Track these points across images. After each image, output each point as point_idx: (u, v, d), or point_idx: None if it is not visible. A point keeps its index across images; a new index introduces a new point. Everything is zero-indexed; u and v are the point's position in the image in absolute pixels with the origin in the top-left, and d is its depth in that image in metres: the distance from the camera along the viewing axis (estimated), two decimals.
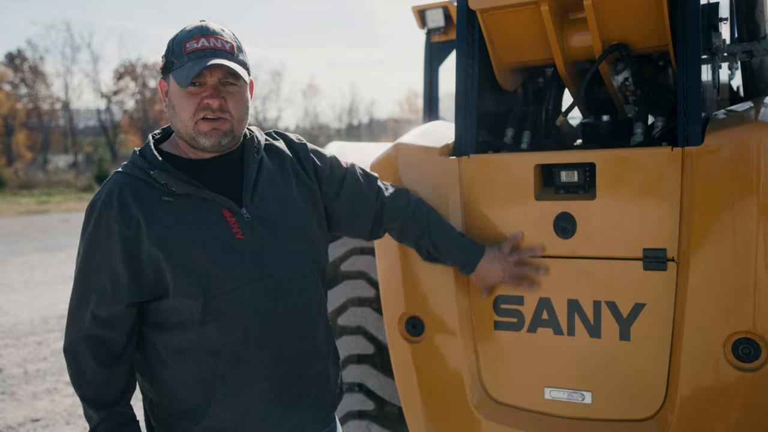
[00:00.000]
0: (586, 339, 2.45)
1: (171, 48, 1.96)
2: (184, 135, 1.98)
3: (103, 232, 1.91)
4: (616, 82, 2.72)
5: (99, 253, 1.93)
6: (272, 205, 2.07)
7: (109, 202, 1.92)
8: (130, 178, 1.96)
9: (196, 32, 1.95)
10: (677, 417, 2.29)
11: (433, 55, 5.29)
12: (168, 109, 2.01)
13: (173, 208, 1.94)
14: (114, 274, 1.91)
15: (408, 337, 2.71)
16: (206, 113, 1.94)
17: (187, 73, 1.89)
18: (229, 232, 1.97)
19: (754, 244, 2.16)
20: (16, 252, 14.15)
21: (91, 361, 1.94)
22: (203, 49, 1.92)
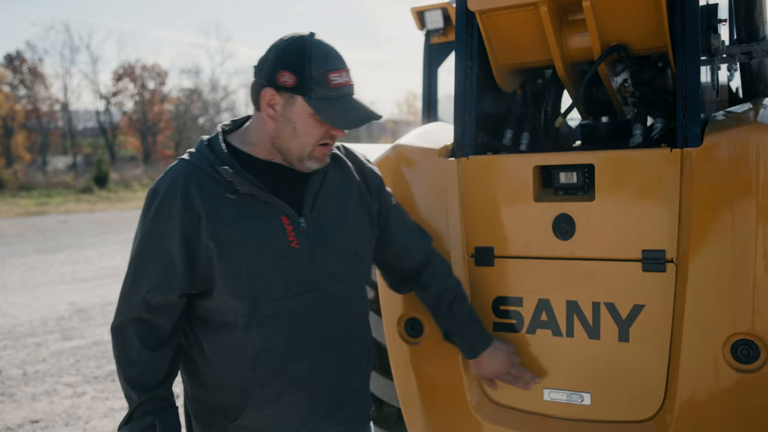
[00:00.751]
0: (585, 340, 2.45)
1: (308, 72, 1.90)
2: (292, 153, 1.99)
3: (164, 220, 1.92)
4: (615, 83, 2.72)
5: (157, 241, 1.93)
6: (330, 217, 2.08)
7: (172, 191, 1.92)
8: (195, 169, 1.96)
9: (335, 62, 1.94)
10: (676, 418, 2.28)
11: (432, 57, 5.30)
12: (277, 123, 1.97)
13: (234, 207, 1.94)
14: (170, 263, 1.93)
15: (407, 339, 2.71)
16: (328, 141, 1.99)
17: (342, 115, 1.92)
18: (284, 240, 1.98)
19: (753, 245, 2.16)
20: (15, 253, 14.15)
21: (137, 344, 1.97)
22: (347, 86, 1.95)
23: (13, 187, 30.04)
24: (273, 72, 1.92)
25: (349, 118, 1.92)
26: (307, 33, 1.95)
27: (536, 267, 2.52)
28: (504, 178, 2.54)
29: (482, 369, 2.48)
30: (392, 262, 2.43)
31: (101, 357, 6.88)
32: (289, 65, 1.90)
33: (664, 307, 2.32)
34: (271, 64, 1.92)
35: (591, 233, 2.41)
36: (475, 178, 2.58)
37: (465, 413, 2.60)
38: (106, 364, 6.61)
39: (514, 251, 2.54)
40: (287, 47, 1.92)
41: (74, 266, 12.47)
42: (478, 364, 2.48)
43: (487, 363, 2.45)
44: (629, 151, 2.37)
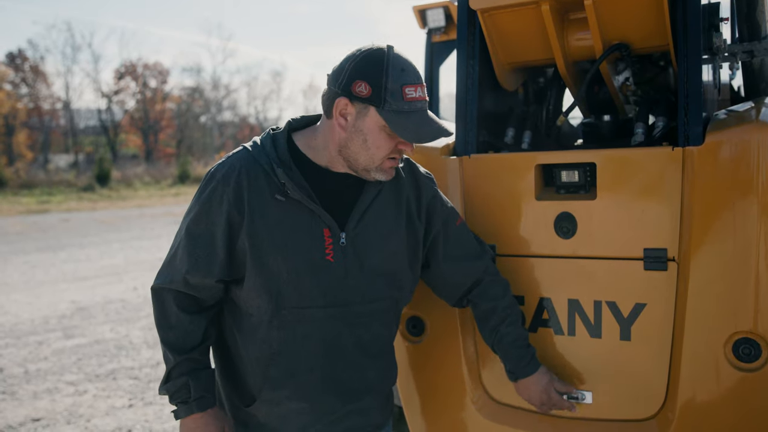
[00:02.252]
0: (586, 339, 2.45)
1: (383, 83, 1.90)
2: (360, 163, 2.00)
3: (216, 204, 1.97)
4: (616, 82, 2.72)
5: (205, 222, 1.99)
6: (372, 236, 2.07)
7: (228, 178, 1.97)
8: (253, 163, 1.99)
9: (412, 77, 1.94)
10: (678, 417, 2.28)
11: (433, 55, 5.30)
12: (348, 133, 1.97)
13: (281, 209, 1.97)
14: (212, 248, 1.98)
15: (408, 337, 2.71)
16: (396, 155, 2.00)
17: (414, 128, 1.91)
18: (321, 251, 1.99)
19: (755, 244, 2.16)
20: (16, 251, 14.15)
21: (175, 309, 2.05)
22: (420, 101, 1.94)
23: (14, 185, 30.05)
24: (349, 82, 1.92)
25: (421, 132, 1.92)
26: (386, 46, 1.95)
27: (538, 266, 2.52)
28: (506, 177, 2.54)
29: (520, 392, 2.40)
30: (440, 284, 2.38)
31: (103, 355, 6.88)
32: (366, 76, 1.91)
33: (666, 306, 2.32)
34: (348, 73, 1.92)
35: (593, 232, 2.41)
36: (477, 177, 2.58)
37: (467, 412, 2.60)
38: (107, 363, 6.62)
39: (516, 250, 2.54)
40: (365, 58, 1.93)
41: (76, 265, 12.47)
42: (516, 387, 2.40)
43: (524, 390, 2.37)
44: (631, 150, 2.37)
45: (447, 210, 2.31)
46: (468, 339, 2.60)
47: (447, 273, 2.33)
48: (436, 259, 2.30)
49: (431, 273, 2.34)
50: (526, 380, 2.35)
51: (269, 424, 2.09)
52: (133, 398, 5.62)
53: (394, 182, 2.16)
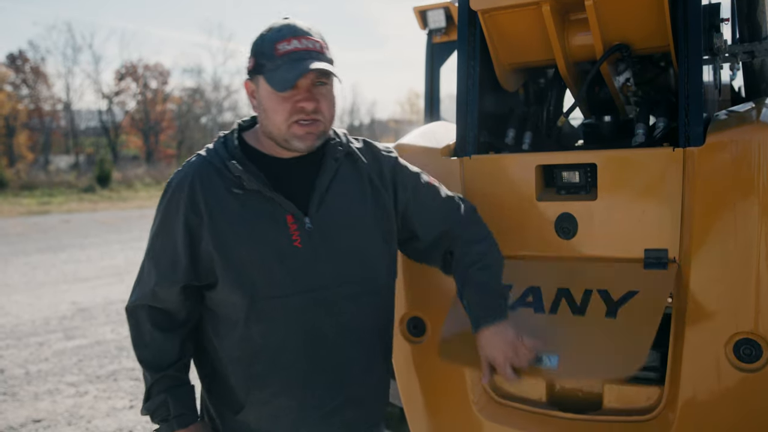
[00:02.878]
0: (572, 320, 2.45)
1: (260, 49, 1.93)
2: (276, 137, 1.98)
3: (172, 212, 1.98)
4: (617, 82, 2.72)
5: (166, 232, 2.00)
6: (337, 217, 2.05)
7: (181, 185, 1.98)
8: (207, 165, 2.00)
9: (286, 32, 1.92)
10: (678, 417, 2.28)
11: (434, 56, 5.30)
12: (258, 111, 2.01)
13: (240, 203, 1.96)
14: (175, 256, 1.98)
15: (409, 338, 2.71)
16: (301, 117, 1.93)
17: (283, 77, 1.87)
18: (287, 239, 1.98)
19: (756, 244, 2.16)
20: (17, 252, 14.16)
21: (149, 326, 2.05)
22: (296, 51, 1.89)
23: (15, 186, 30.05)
24: (247, 63, 1.98)
25: (289, 76, 1.87)
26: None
27: (538, 266, 2.52)
28: (506, 178, 2.54)
29: (483, 347, 2.11)
30: (426, 251, 2.30)
31: (103, 356, 6.89)
32: (251, 51, 1.97)
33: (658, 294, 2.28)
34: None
35: (593, 232, 2.41)
36: (478, 178, 2.59)
37: (468, 413, 2.60)
38: (108, 364, 6.62)
39: (516, 251, 2.53)
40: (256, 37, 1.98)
41: (76, 266, 12.48)
42: (479, 340, 2.12)
43: (488, 343, 2.09)
44: (631, 151, 2.37)
45: (412, 175, 2.27)
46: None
47: (427, 236, 2.26)
48: (416, 225, 2.24)
49: (418, 242, 2.27)
50: (490, 329, 2.08)
51: (261, 428, 2.06)
52: (134, 399, 5.63)
53: (352, 162, 2.14)
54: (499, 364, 2.08)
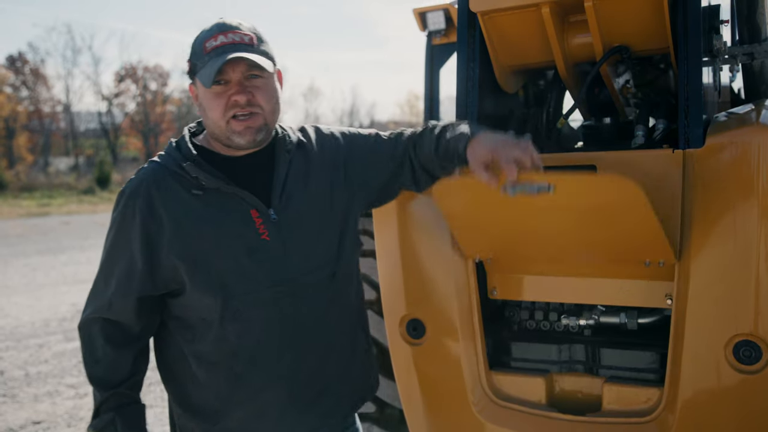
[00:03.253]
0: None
1: (193, 50, 1.95)
2: (218, 135, 1.96)
3: (128, 220, 1.93)
4: (617, 84, 2.72)
5: (121, 241, 1.95)
6: (300, 206, 2.04)
7: (136, 191, 1.93)
8: (162, 170, 1.96)
9: (214, 30, 1.93)
10: (678, 419, 2.28)
11: (433, 58, 5.30)
12: (200, 112, 2.00)
13: (201, 203, 1.93)
14: (131, 264, 1.93)
15: (409, 340, 2.71)
16: (236, 111, 1.91)
17: (209, 71, 1.87)
18: (254, 233, 1.96)
19: (756, 246, 2.16)
20: (17, 254, 14.16)
21: (102, 341, 1.98)
22: (222, 46, 1.89)
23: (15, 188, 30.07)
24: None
25: (213, 69, 1.86)
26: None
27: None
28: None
29: (475, 150, 2.00)
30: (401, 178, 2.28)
31: None
32: (189, 55, 1.97)
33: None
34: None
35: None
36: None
37: (467, 414, 2.60)
38: None
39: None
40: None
41: (76, 267, 12.47)
42: (472, 147, 2.01)
43: (476, 147, 2.00)
44: (631, 152, 2.37)
45: (358, 137, 2.27)
46: (469, 341, 2.60)
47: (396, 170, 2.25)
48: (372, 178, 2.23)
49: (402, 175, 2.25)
50: (476, 138, 2.02)
51: (246, 428, 2.03)
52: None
53: (304, 153, 2.12)
54: (498, 149, 1.94)
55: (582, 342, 2.64)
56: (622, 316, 2.59)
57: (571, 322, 2.63)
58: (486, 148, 1.97)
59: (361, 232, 3.61)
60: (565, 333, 2.71)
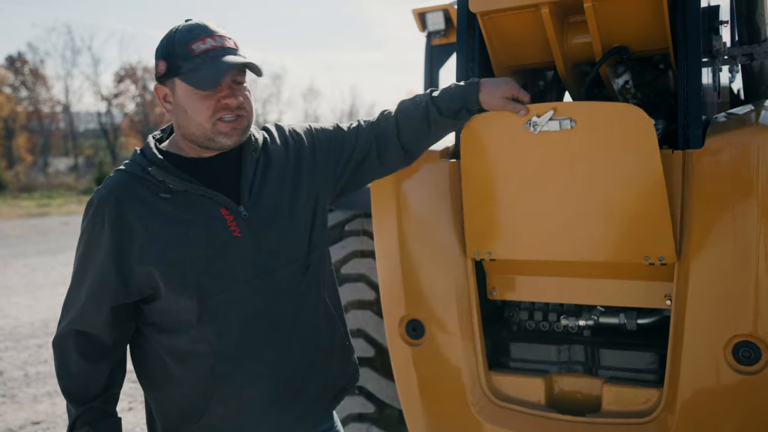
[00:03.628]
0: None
1: (172, 51, 1.92)
2: (198, 136, 1.96)
3: (98, 229, 1.91)
4: (616, 84, 2.73)
5: (92, 251, 1.93)
6: (270, 202, 2.06)
7: (105, 200, 1.92)
8: (129, 177, 1.95)
9: (198, 32, 1.93)
10: (677, 420, 2.28)
11: (433, 58, 5.30)
12: (175, 113, 1.98)
13: (170, 205, 1.93)
14: (103, 273, 1.91)
15: (408, 340, 2.71)
16: (224, 113, 1.93)
17: (208, 75, 1.88)
18: (225, 230, 1.96)
19: (755, 246, 2.16)
20: (17, 255, 14.15)
21: (76, 356, 1.96)
22: (213, 50, 1.90)
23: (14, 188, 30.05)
24: (155, 68, 1.96)
25: (216, 74, 1.89)
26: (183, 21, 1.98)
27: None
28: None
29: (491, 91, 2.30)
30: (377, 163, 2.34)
31: None
32: (160, 54, 1.95)
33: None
34: (154, 62, 1.96)
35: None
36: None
37: (466, 415, 2.60)
38: None
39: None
40: (160, 40, 1.96)
41: None
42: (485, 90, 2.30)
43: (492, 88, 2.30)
44: None
45: (320, 131, 2.29)
46: (468, 341, 2.60)
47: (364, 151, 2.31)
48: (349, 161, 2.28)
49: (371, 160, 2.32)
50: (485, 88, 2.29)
51: (228, 424, 2.03)
52: (132, 401, 5.62)
53: (267, 149, 2.14)
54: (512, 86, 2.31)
55: (581, 342, 2.64)
56: (621, 316, 2.59)
57: (571, 323, 2.63)
58: (501, 86, 2.30)
59: (360, 233, 3.63)
60: (565, 333, 2.71)
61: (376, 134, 2.32)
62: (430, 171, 2.64)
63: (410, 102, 2.35)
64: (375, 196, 2.72)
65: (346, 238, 3.65)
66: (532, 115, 2.30)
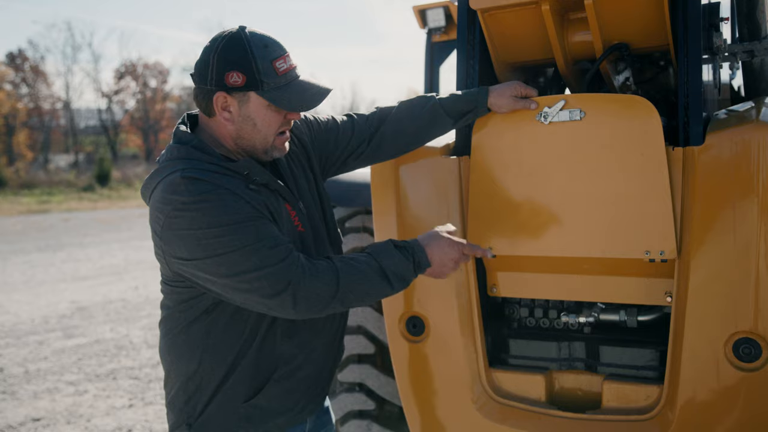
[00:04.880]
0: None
1: (255, 66, 1.90)
2: (258, 149, 2.01)
3: (225, 202, 1.84)
4: (617, 81, 2.72)
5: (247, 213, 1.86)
6: (308, 196, 2.18)
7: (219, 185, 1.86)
8: (214, 170, 1.90)
9: (276, 49, 1.94)
10: (678, 416, 2.29)
11: (433, 55, 5.30)
12: (237, 123, 1.96)
13: (262, 197, 1.95)
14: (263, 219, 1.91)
15: (408, 337, 2.71)
16: (285, 128, 2.03)
17: (296, 99, 1.95)
18: (293, 225, 2.06)
19: (755, 243, 2.16)
20: (17, 251, 14.16)
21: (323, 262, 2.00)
22: (292, 70, 1.97)
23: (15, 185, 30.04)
24: (220, 76, 1.91)
25: (305, 99, 1.96)
26: (238, 27, 1.96)
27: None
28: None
29: (501, 94, 2.44)
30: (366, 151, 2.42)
31: (102, 355, 6.89)
32: (235, 65, 1.90)
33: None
34: (215, 67, 1.91)
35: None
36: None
37: (467, 411, 2.60)
38: (107, 362, 6.62)
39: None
40: (226, 47, 1.91)
41: (76, 264, 12.48)
42: (491, 103, 2.45)
43: (501, 92, 2.44)
44: None
45: (315, 123, 2.36)
46: (468, 338, 2.61)
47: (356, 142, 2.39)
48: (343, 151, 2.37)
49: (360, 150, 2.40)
50: (494, 92, 2.44)
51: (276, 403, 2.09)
52: (133, 398, 5.63)
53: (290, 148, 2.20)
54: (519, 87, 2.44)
55: (582, 339, 2.64)
56: (621, 313, 2.59)
57: (571, 320, 2.63)
58: (509, 86, 2.44)
59: (361, 230, 3.63)
60: (565, 330, 2.71)
61: (371, 130, 2.40)
62: (432, 167, 2.63)
63: (414, 100, 2.45)
64: (375, 193, 2.72)
65: (346, 235, 3.65)
66: (543, 107, 2.38)
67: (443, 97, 2.45)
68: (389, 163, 2.68)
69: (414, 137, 2.46)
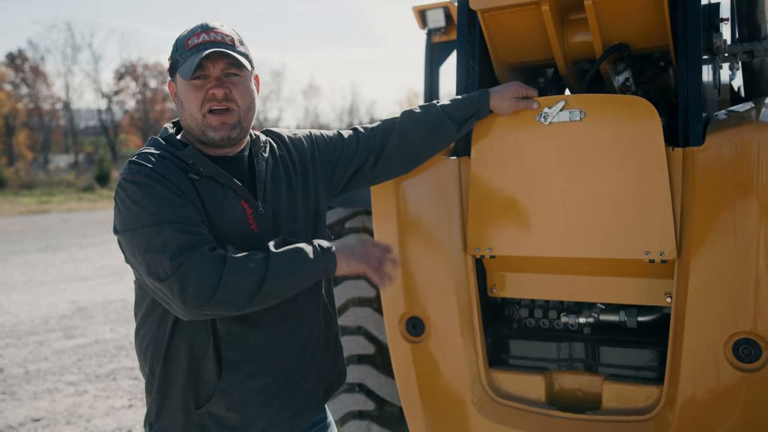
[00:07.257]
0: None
1: (175, 48, 2.01)
2: (194, 129, 2.00)
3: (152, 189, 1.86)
4: (616, 82, 2.72)
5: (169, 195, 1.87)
6: (279, 203, 2.10)
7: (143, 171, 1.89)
8: (156, 156, 1.94)
9: (196, 29, 1.99)
10: (678, 417, 2.28)
11: (433, 56, 5.29)
12: (177, 108, 2.04)
13: (198, 187, 1.95)
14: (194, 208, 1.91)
15: (408, 338, 2.71)
16: (212, 104, 1.96)
17: (189, 64, 1.93)
18: (245, 224, 2.00)
19: (755, 244, 2.16)
20: (17, 252, 14.16)
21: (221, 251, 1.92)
22: (204, 43, 1.95)
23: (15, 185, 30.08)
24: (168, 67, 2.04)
25: (195, 60, 1.92)
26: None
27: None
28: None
29: (501, 98, 2.46)
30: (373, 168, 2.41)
31: (102, 355, 6.88)
32: (170, 54, 2.04)
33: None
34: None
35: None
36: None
37: (467, 412, 2.60)
38: (107, 363, 6.62)
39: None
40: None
41: (76, 265, 12.48)
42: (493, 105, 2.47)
43: (501, 93, 2.46)
44: None
45: (321, 138, 2.34)
46: (468, 339, 2.61)
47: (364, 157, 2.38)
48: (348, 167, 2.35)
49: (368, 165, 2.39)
50: (495, 94, 2.46)
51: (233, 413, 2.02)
52: (132, 398, 5.62)
53: (274, 153, 2.18)
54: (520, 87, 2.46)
55: (581, 340, 2.64)
56: (621, 314, 2.60)
57: (571, 320, 2.63)
58: (509, 88, 2.46)
59: (361, 230, 3.63)
60: (565, 331, 2.71)
61: (376, 142, 2.39)
62: (432, 168, 2.63)
63: (417, 109, 2.46)
64: (375, 193, 2.72)
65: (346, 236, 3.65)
66: (543, 108, 2.39)
67: (445, 103, 2.46)
68: None
69: (421, 145, 2.44)
